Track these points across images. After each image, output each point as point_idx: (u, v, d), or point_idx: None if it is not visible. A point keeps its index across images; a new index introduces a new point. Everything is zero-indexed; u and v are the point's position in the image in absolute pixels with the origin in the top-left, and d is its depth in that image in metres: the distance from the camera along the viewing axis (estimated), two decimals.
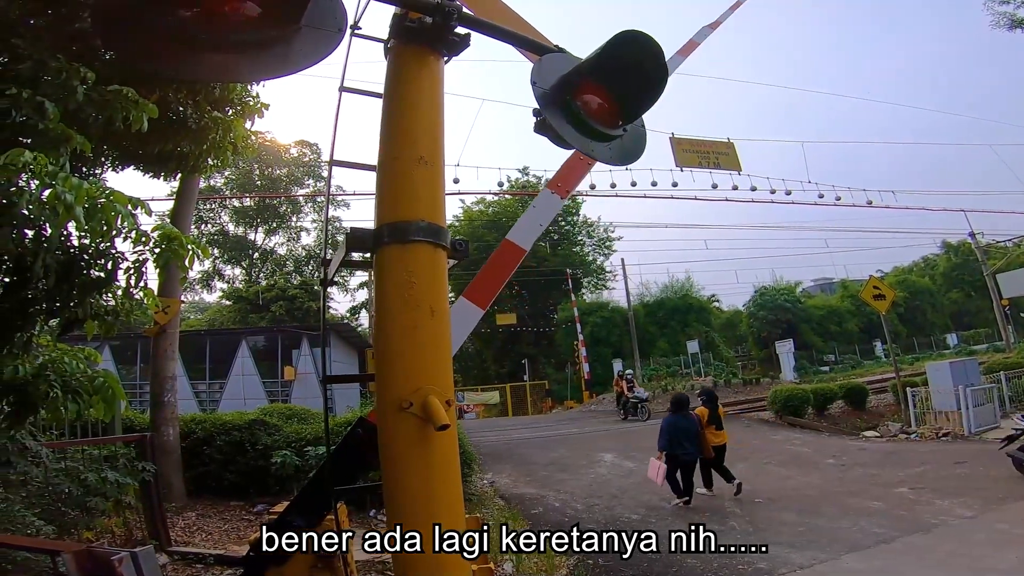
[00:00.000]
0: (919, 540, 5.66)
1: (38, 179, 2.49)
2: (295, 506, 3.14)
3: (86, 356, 3.63)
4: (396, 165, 1.81)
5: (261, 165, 38.90)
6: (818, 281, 48.80)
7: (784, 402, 15.57)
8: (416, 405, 1.62)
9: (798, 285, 39.80)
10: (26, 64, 3.39)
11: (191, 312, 41.65)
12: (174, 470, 7.63)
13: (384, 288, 1.73)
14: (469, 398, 30.24)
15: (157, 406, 7.96)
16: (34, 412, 3.07)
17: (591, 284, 39.35)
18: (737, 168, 18.45)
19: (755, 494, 7.97)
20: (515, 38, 2.33)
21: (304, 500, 3.12)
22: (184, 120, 5.10)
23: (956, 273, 42.39)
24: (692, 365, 29.44)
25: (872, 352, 35.21)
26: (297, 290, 32.15)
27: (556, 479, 9.95)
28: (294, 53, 1.76)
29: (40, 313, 3.12)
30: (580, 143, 2.06)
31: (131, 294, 3.09)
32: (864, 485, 8.13)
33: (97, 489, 5.07)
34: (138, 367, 22.90)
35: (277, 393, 23.49)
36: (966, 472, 8.29)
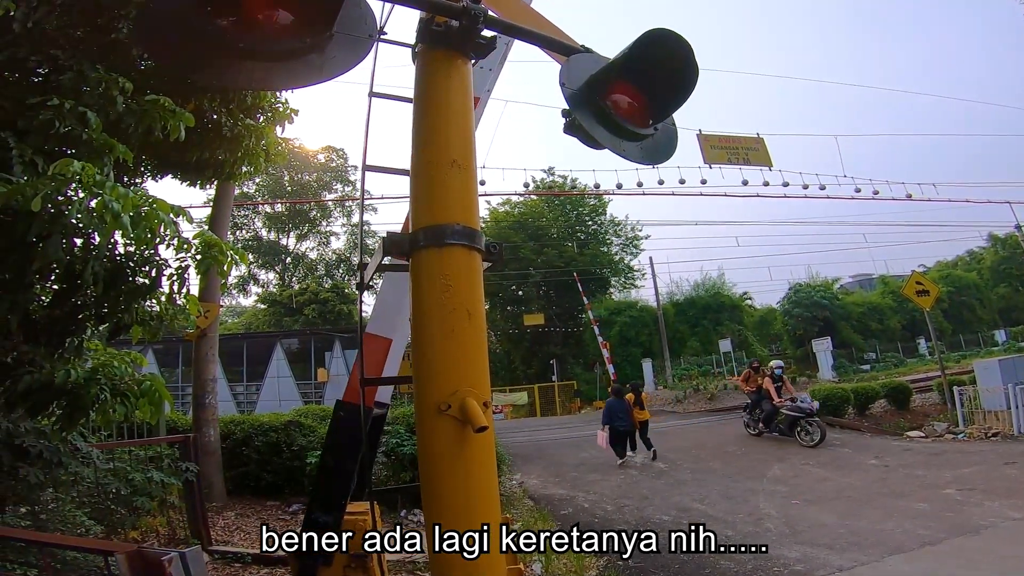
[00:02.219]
0: (967, 542, 5.43)
1: (85, 189, 2.59)
2: (313, 502, 3.21)
3: (132, 360, 3.78)
4: (429, 169, 1.83)
5: (291, 171, 39.82)
6: (857, 277, 47.22)
7: (823, 401, 15.12)
8: (454, 407, 1.63)
9: (836, 281, 38.57)
10: (67, 75, 3.46)
11: (228, 316, 42.90)
12: (215, 470, 7.86)
13: (421, 292, 1.74)
14: (497, 399, 30.29)
15: (199, 407, 8.22)
16: (85, 415, 3.20)
17: (619, 283, 39.01)
18: (768, 164, 18.01)
19: (792, 495, 7.77)
20: (541, 39, 2.33)
21: (319, 494, 3.19)
22: (219, 128, 5.24)
23: (1004, 267, 40.49)
24: (725, 364, 28.87)
25: (916, 350, 33.87)
26: (329, 293, 32.80)
27: (586, 480, 9.89)
28: (328, 61, 1.80)
29: (89, 319, 3.26)
30: (611, 143, 2.05)
31: (174, 299, 3.20)
32: (909, 486, 7.84)
33: (143, 489, 5.26)
34: (179, 370, 23.73)
35: (311, 395, 24.02)
36: (1016, 473, 7.91)
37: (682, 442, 13.50)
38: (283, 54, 1.83)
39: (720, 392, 23.67)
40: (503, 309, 37.44)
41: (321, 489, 3.27)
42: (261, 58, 1.83)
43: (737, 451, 11.74)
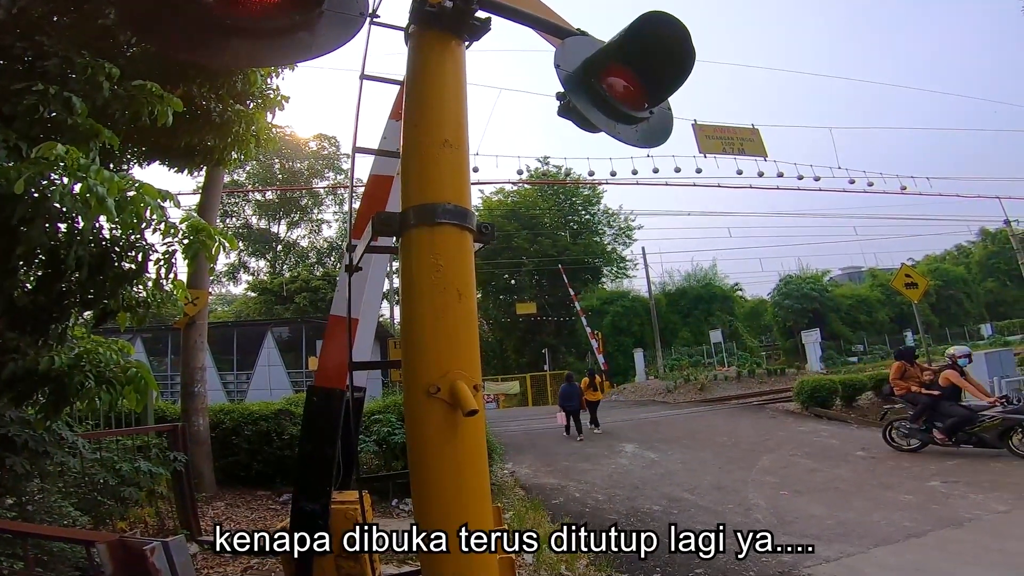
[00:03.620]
0: (952, 534, 5.52)
1: (69, 173, 2.53)
2: (298, 492, 3.19)
3: (120, 348, 3.72)
4: (421, 149, 1.79)
5: (282, 159, 39.48)
6: (846, 270, 47.63)
7: (811, 393, 15.27)
8: (444, 390, 1.60)
9: (825, 274, 38.91)
10: (52, 61, 3.44)
11: (218, 304, 42.64)
12: (204, 460, 7.81)
13: (411, 271, 1.71)
14: (489, 388, 30.41)
15: (188, 396, 8.14)
16: (69, 403, 3.15)
17: (612, 273, 39.13)
18: (763, 154, 18.05)
19: (781, 486, 7.85)
20: (536, 21, 2.29)
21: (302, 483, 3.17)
22: (208, 114, 5.16)
23: (992, 262, 41.02)
24: (715, 355, 29.11)
25: (903, 342, 34.29)
26: (320, 281, 32.63)
27: (577, 469, 9.94)
28: (318, 38, 1.77)
29: (74, 305, 3.20)
30: (606, 125, 2.02)
31: (161, 285, 3.14)
32: (895, 478, 7.94)
33: (131, 479, 5.18)
34: (169, 359, 23.58)
35: (302, 383, 23.94)
36: (1000, 466, 8.03)
37: (674, 432, 13.61)
38: (271, 31, 1.80)
39: (710, 383, 23.86)
40: (496, 298, 37.47)
41: (303, 478, 3.25)
42: (249, 36, 1.81)
43: (727, 442, 11.85)
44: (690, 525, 6.25)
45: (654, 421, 15.80)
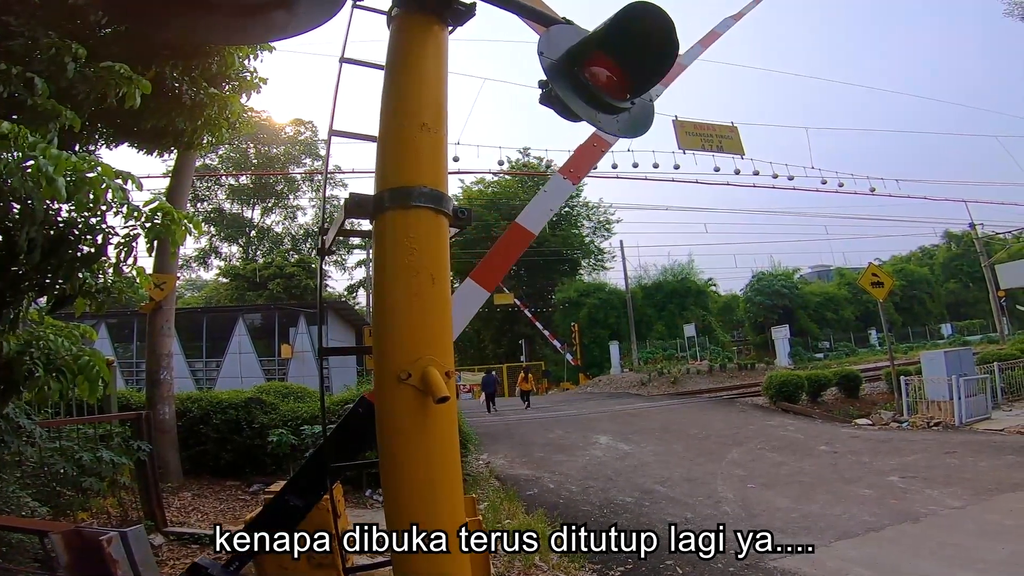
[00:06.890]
0: (908, 529, 5.70)
1: (20, 150, 2.40)
2: (292, 485, 3.11)
3: (81, 334, 3.56)
4: (398, 131, 1.74)
5: (258, 144, 38.52)
6: (816, 268, 48.86)
7: (779, 388, 15.65)
8: (415, 376, 1.56)
9: (796, 271, 39.88)
10: (17, 41, 3.37)
11: (188, 290, 41.57)
12: (170, 449, 7.61)
13: (384, 254, 1.67)
14: (466, 378, 30.41)
15: (153, 384, 7.92)
16: (17, 391, 3.01)
17: (589, 265, 39.34)
18: (740, 152, 18.31)
19: (749, 479, 8.03)
20: (521, 8, 2.24)
21: (302, 479, 3.09)
22: (178, 96, 4.98)
23: (955, 263, 42.48)
24: (688, 349, 29.58)
25: (867, 340, 35.40)
26: (295, 268, 32.05)
27: (552, 460, 10.01)
28: (296, 17, 1.70)
29: (29, 290, 3.05)
30: (587, 114, 1.99)
31: (121, 270, 3.01)
32: (856, 472, 8.19)
33: (92, 469, 5.01)
34: (135, 345, 22.92)
35: (274, 371, 23.55)
36: (956, 462, 8.34)
37: (647, 424, 13.79)
38: (249, 8, 1.74)
39: (683, 376, 24.27)
40: None
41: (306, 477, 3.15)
42: (225, 12, 1.74)
43: (699, 434, 12.06)
44: (661, 517, 6.34)
45: (628, 413, 15.98)
